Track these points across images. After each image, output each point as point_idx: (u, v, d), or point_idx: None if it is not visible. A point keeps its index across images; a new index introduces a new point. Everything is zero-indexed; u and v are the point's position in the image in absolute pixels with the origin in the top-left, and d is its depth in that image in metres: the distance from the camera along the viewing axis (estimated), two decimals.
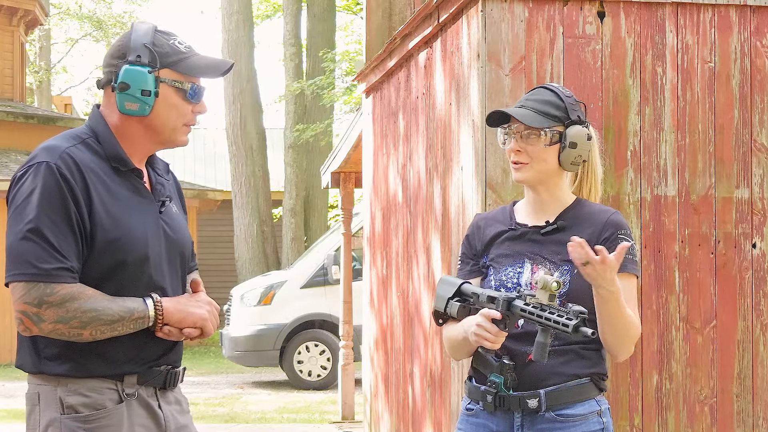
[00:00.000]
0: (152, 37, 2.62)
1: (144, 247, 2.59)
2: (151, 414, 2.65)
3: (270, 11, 24.87)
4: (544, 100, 2.96)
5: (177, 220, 2.75)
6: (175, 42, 2.65)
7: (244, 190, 19.30)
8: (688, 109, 4.60)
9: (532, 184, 3.01)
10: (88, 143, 2.60)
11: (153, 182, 2.73)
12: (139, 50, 2.60)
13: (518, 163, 2.97)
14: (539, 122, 2.92)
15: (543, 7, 4.49)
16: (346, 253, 10.01)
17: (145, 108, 2.60)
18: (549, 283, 2.71)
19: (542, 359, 2.75)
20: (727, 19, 4.64)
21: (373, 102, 7.08)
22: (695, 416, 4.57)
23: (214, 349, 17.35)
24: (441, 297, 3.03)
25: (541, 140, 2.93)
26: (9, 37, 18.43)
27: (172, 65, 2.62)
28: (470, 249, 3.10)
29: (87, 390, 2.56)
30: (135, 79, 2.58)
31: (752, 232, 4.63)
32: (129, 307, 2.54)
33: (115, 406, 2.58)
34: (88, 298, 2.49)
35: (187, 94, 2.64)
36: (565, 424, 2.90)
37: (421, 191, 5.64)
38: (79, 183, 2.52)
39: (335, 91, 18.21)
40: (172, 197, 2.77)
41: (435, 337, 5.30)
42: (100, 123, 2.65)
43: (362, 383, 7.55)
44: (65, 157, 2.53)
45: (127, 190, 2.62)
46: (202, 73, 2.66)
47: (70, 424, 2.54)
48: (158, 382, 2.66)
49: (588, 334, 2.62)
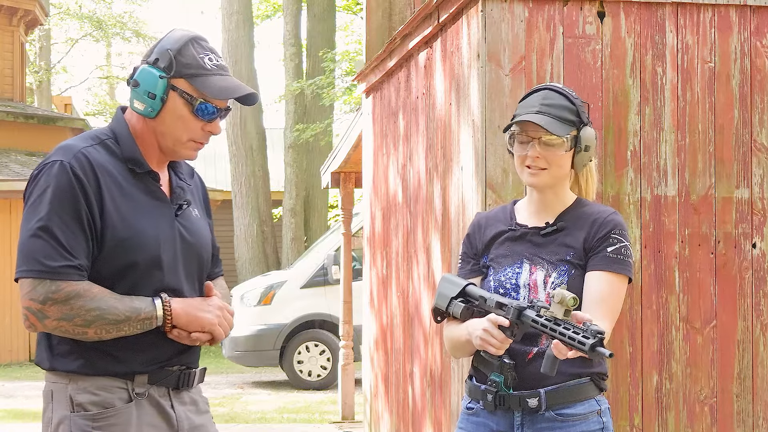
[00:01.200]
0: (180, 45, 2.62)
1: (156, 249, 2.59)
2: (162, 414, 2.65)
3: (270, 11, 24.87)
4: (560, 106, 2.96)
5: (196, 224, 2.75)
6: (205, 57, 2.63)
7: (244, 190, 19.30)
8: (688, 109, 4.60)
9: (545, 188, 3.01)
10: (106, 144, 2.63)
11: (173, 186, 2.73)
12: (161, 54, 2.61)
13: (535, 167, 2.96)
14: (562, 130, 2.93)
15: (543, 7, 4.49)
16: (346, 253, 10.01)
17: (149, 111, 2.61)
18: (566, 298, 2.69)
19: (551, 373, 2.75)
20: (727, 19, 4.64)
21: (373, 102, 7.08)
22: (695, 416, 4.57)
23: (214, 349, 17.35)
24: (443, 295, 3.03)
25: (562, 147, 2.94)
26: (9, 37, 18.43)
27: (188, 77, 2.61)
28: (471, 248, 3.11)
29: (96, 388, 2.57)
30: (145, 79, 2.60)
31: (752, 232, 4.63)
32: (136, 306, 2.54)
33: (124, 405, 2.58)
34: (93, 296, 2.50)
35: (195, 108, 2.62)
36: (565, 423, 2.91)
37: (421, 191, 5.64)
38: (92, 183, 2.54)
39: (335, 91, 18.21)
40: (193, 201, 2.77)
41: (435, 337, 5.30)
42: (121, 124, 2.67)
43: (362, 383, 7.55)
44: (80, 157, 2.55)
45: (142, 192, 2.63)
46: (216, 94, 2.62)
47: (80, 422, 2.55)
48: (171, 383, 2.66)
49: (606, 355, 2.59)
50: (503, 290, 2.96)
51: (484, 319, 2.85)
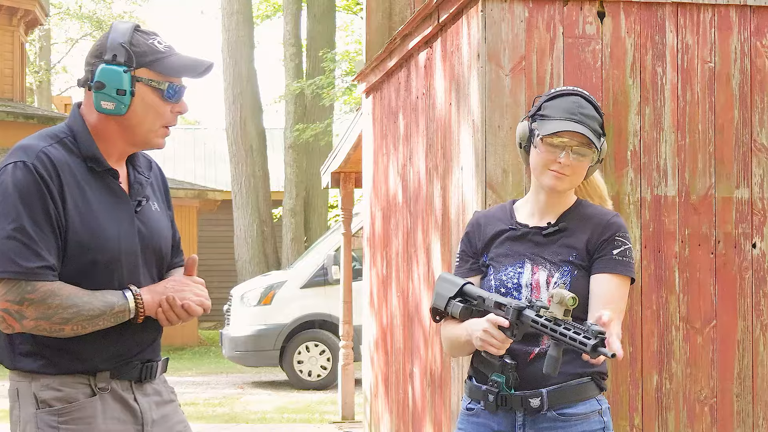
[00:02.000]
0: (130, 37, 2.62)
1: (116, 248, 2.62)
2: (126, 407, 2.68)
3: (270, 11, 24.87)
4: (593, 117, 2.98)
5: (155, 219, 2.76)
6: (155, 42, 2.65)
7: (244, 190, 19.30)
8: (688, 109, 4.60)
9: (561, 192, 3.02)
10: (64, 142, 2.63)
11: (131, 181, 2.73)
12: (116, 49, 2.61)
13: (562, 174, 2.95)
14: (598, 144, 2.96)
15: (543, 7, 4.49)
16: (346, 253, 10.01)
17: (121, 107, 2.61)
18: (565, 298, 2.69)
19: (554, 373, 2.75)
20: (727, 19, 4.64)
21: (373, 102, 7.08)
22: (695, 416, 4.57)
23: (214, 349, 17.35)
24: (441, 295, 3.03)
25: (592, 158, 2.97)
26: (9, 37, 18.43)
27: (149, 65, 2.62)
28: (470, 247, 3.10)
29: (59, 385, 2.61)
30: (110, 78, 2.60)
31: (752, 232, 4.63)
32: (109, 301, 2.58)
33: (88, 399, 2.62)
34: (68, 294, 2.53)
35: (164, 93, 2.64)
36: (566, 423, 2.91)
37: (421, 191, 5.64)
38: (55, 182, 2.55)
39: (335, 91, 18.21)
40: (150, 196, 2.78)
41: (435, 337, 5.30)
42: (79, 122, 2.67)
43: (362, 383, 7.55)
44: (42, 156, 2.55)
45: (101, 191, 2.64)
46: (180, 73, 2.65)
47: (46, 418, 2.59)
48: (133, 376, 2.69)
49: (608, 355, 2.60)
50: (504, 289, 2.96)
51: (483, 320, 2.85)
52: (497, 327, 2.81)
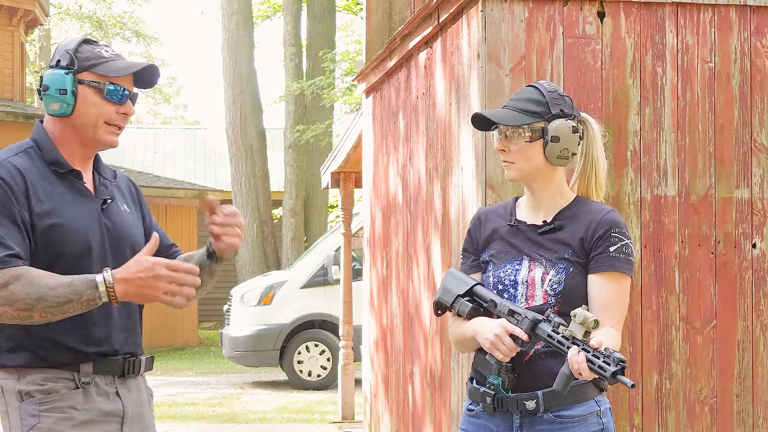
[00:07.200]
0: (77, 45, 2.84)
1: (83, 240, 2.75)
2: (108, 400, 2.78)
3: (270, 11, 24.85)
4: (525, 98, 2.99)
5: (124, 217, 2.90)
6: (101, 50, 2.86)
7: (244, 190, 19.30)
8: (688, 109, 4.60)
9: (523, 182, 3.04)
10: (28, 152, 2.82)
11: (96, 184, 2.90)
12: (61, 55, 2.84)
13: (506, 162, 3.02)
14: (517, 120, 2.95)
15: (543, 7, 4.49)
16: (346, 253, 10.01)
17: (65, 107, 2.79)
18: (588, 320, 2.69)
19: (564, 391, 2.74)
20: (727, 19, 4.64)
21: (373, 102, 7.08)
22: (695, 416, 4.57)
23: (214, 349, 17.35)
24: (449, 291, 3.02)
25: (522, 138, 2.96)
26: (9, 37, 18.42)
27: (91, 68, 2.81)
28: (472, 243, 3.11)
29: (42, 380, 2.72)
30: (53, 80, 2.80)
31: (752, 232, 4.63)
32: (77, 288, 2.63)
33: (70, 391, 2.72)
34: (32, 278, 2.62)
35: (105, 92, 2.80)
36: (564, 425, 2.90)
37: (421, 192, 5.64)
38: (20, 185, 2.71)
39: (335, 91, 18.21)
40: (117, 198, 2.93)
41: (435, 337, 5.30)
42: (41, 133, 2.86)
43: (362, 383, 7.55)
44: (7, 165, 2.74)
45: (67, 190, 2.80)
46: (117, 72, 2.81)
47: (28, 407, 2.70)
48: (116, 371, 2.79)
49: (628, 385, 2.59)
50: (502, 286, 2.96)
51: (497, 324, 2.84)
52: (509, 335, 2.81)
